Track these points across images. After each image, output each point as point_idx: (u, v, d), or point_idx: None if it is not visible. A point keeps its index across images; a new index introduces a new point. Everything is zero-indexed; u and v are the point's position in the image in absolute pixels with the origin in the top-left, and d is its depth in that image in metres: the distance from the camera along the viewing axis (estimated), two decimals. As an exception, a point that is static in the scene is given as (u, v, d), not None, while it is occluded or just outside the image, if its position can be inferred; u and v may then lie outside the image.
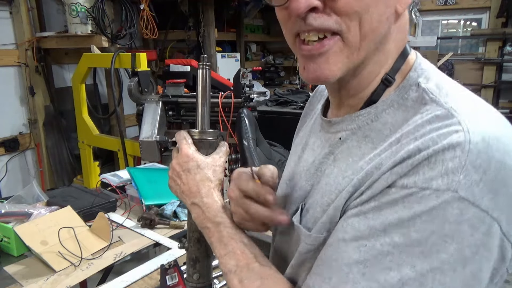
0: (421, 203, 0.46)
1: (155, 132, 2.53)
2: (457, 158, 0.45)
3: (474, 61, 5.46)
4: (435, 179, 0.46)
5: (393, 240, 0.47)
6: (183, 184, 0.71)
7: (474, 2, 5.38)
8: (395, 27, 0.57)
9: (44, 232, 1.40)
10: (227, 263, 0.63)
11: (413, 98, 0.55)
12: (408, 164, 0.48)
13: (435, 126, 0.49)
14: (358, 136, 0.59)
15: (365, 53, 0.56)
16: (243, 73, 2.74)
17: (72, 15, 3.21)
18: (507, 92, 5.35)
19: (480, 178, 0.45)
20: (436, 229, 0.46)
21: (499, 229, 0.47)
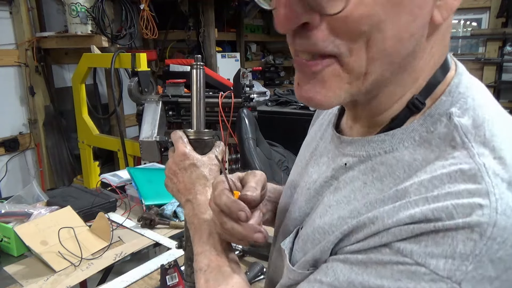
0: (411, 280, 0.38)
1: (155, 132, 2.53)
2: (472, 242, 0.35)
3: (474, 61, 5.45)
4: (436, 258, 0.37)
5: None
6: (179, 183, 0.71)
7: (474, 2, 5.38)
8: (432, 40, 0.44)
9: (44, 232, 1.40)
10: (201, 261, 0.63)
11: (440, 134, 0.43)
12: (409, 229, 0.39)
13: (455, 190, 0.38)
14: (366, 167, 0.48)
15: (376, 77, 0.43)
16: (243, 73, 2.74)
17: (72, 15, 3.21)
18: (507, 92, 5.35)
19: (497, 275, 0.35)
20: None
21: None
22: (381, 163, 0.47)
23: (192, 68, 0.78)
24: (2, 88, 3.36)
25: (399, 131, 0.46)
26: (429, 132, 0.44)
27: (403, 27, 0.40)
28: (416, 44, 0.42)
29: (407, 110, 0.46)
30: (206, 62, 4.04)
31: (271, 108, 3.61)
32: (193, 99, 0.79)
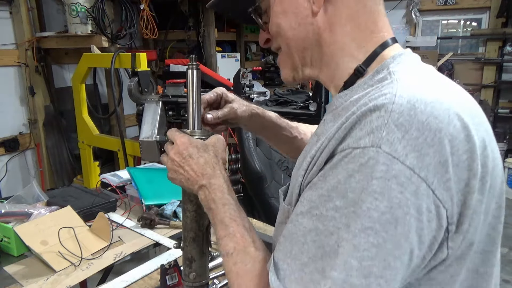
0: (353, 162, 0.50)
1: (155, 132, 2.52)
2: (381, 118, 0.50)
3: (474, 61, 5.45)
4: (363, 138, 0.50)
5: (335, 204, 0.51)
6: (188, 171, 0.72)
7: (474, 2, 5.38)
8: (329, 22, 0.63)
9: (44, 232, 1.40)
10: (226, 244, 0.66)
11: (379, 78, 0.59)
12: (344, 128, 0.53)
13: (372, 93, 0.55)
14: (334, 115, 0.63)
15: (299, 55, 0.67)
16: (243, 73, 2.74)
17: (72, 15, 3.21)
18: (507, 92, 5.35)
19: (402, 136, 0.48)
20: (366, 187, 0.48)
21: (430, 192, 0.48)
22: (342, 108, 0.61)
23: (188, 69, 0.79)
24: (2, 88, 3.36)
25: (356, 85, 0.63)
26: (373, 80, 0.60)
27: (292, 21, 0.65)
28: (309, 29, 0.64)
29: (354, 75, 0.64)
30: (206, 62, 4.04)
31: (271, 108, 3.59)
32: (189, 99, 0.79)
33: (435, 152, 0.48)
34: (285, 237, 0.57)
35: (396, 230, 0.48)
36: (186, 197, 0.79)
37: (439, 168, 0.49)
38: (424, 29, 5.87)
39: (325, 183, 0.52)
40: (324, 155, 0.55)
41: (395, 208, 0.47)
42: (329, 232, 0.50)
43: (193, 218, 0.79)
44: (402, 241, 0.48)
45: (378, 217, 0.48)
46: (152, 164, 2.34)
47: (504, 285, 2.82)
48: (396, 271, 0.49)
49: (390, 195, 0.47)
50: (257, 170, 2.04)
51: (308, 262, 0.52)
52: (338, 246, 0.49)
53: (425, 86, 0.54)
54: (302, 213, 0.55)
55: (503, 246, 3.32)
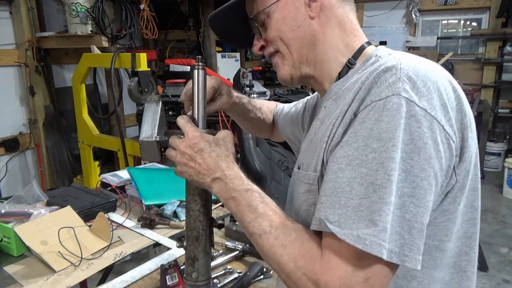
0: (379, 111, 0.60)
1: (155, 132, 2.53)
2: (394, 75, 0.62)
3: (474, 61, 5.45)
4: (383, 91, 0.61)
5: (372, 147, 0.59)
6: (199, 165, 0.73)
7: (474, 2, 5.38)
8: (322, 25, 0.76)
9: (44, 232, 1.40)
10: (259, 225, 0.67)
11: (371, 62, 0.71)
12: (362, 90, 0.63)
13: (377, 63, 0.67)
14: (335, 99, 0.74)
15: (298, 53, 0.78)
16: (243, 73, 2.74)
17: (72, 15, 3.21)
18: (507, 92, 5.35)
19: (413, 85, 0.61)
20: (397, 124, 0.58)
21: (441, 127, 0.61)
22: (343, 91, 0.72)
23: (194, 69, 0.78)
24: (2, 88, 3.36)
25: (350, 73, 0.75)
26: (366, 65, 0.72)
27: (291, 25, 0.77)
28: (306, 31, 0.76)
29: (346, 67, 0.76)
30: (206, 62, 4.04)
31: (271, 108, 3.60)
32: (195, 99, 0.79)
33: (437, 96, 0.61)
34: (328, 195, 0.62)
35: (419, 156, 0.58)
36: (190, 196, 0.79)
37: (443, 109, 0.61)
38: (424, 29, 5.87)
39: (357, 137, 0.61)
40: (348, 117, 0.64)
41: (416, 140, 0.58)
42: (374, 170, 0.58)
43: (196, 217, 0.79)
44: (425, 166, 0.59)
45: (404, 147, 0.58)
46: (152, 164, 2.34)
47: (504, 285, 2.82)
48: (424, 190, 0.59)
49: (411, 130, 0.58)
50: (257, 170, 2.04)
51: (361, 202, 0.58)
52: (389, 175, 0.57)
53: (412, 57, 0.68)
54: (341, 169, 0.61)
55: (503, 246, 3.32)
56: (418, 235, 0.58)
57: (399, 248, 0.56)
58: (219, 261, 1.34)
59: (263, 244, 0.66)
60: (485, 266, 2.95)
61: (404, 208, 0.57)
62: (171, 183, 1.74)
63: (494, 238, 3.47)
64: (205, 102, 0.81)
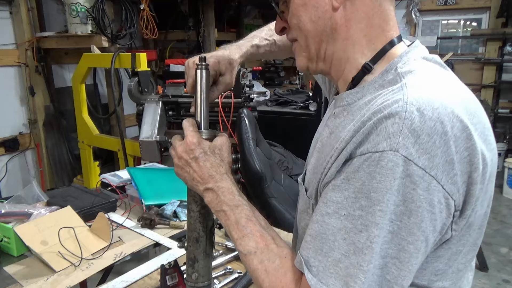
0: (374, 165, 0.56)
1: (155, 132, 2.52)
2: (396, 125, 0.55)
3: (474, 61, 5.45)
4: (381, 143, 0.55)
5: (361, 204, 0.56)
6: (194, 172, 0.73)
7: (474, 2, 5.38)
8: (346, 18, 0.67)
9: (44, 232, 1.40)
10: (246, 244, 0.67)
11: (389, 80, 0.64)
12: (361, 133, 0.58)
13: (385, 98, 0.60)
14: (347, 111, 0.69)
15: (316, 47, 0.71)
16: (243, 73, 2.74)
17: (72, 15, 3.20)
18: (507, 92, 5.35)
19: (415, 140, 0.54)
20: (388, 187, 0.55)
21: (440, 187, 0.56)
22: (356, 106, 0.67)
23: (197, 69, 0.78)
24: (2, 88, 3.36)
25: (366, 84, 0.67)
26: (384, 80, 0.65)
27: (312, 15, 0.68)
28: (327, 23, 0.68)
29: (361, 72, 0.69)
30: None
31: (271, 108, 3.60)
32: (197, 99, 0.79)
33: (442, 152, 0.55)
34: (313, 237, 0.61)
35: (409, 220, 0.56)
36: (190, 197, 0.79)
37: (446, 166, 0.56)
38: (424, 29, 5.87)
39: (349, 185, 0.58)
40: (342, 157, 0.60)
41: (408, 202, 0.55)
42: (358, 230, 0.56)
43: (196, 218, 0.79)
44: (415, 230, 0.56)
45: (394, 209, 0.55)
46: (152, 164, 2.34)
47: (504, 285, 2.82)
48: (409, 254, 0.57)
49: (405, 191, 0.55)
50: (257, 170, 2.04)
51: (341, 258, 0.57)
52: (371, 243, 0.55)
53: (431, 89, 0.59)
54: (329, 214, 0.60)
55: (503, 246, 3.32)
56: None
57: None
58: (219, 261, 1.34)
59: (248, 265, 0.67)
60: (485, 266, 2.95)
61: (386, 268, 0.57)
62: (171, 183, 1.74)
63: (494, 238, 3.47)
64: (207, 102, 0.80)
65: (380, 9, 0.67)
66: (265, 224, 0.70)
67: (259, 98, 3.72)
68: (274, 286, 0.64)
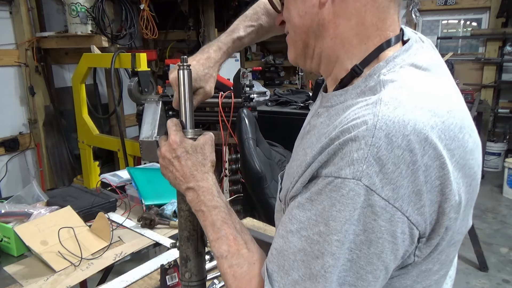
0: (336, 192, 0.53)
1: (155, 132, 2.53)
2: (361, 150, 0.51)
3: (474, 61, 5.45)
4: (344, 169, 0.52)
5: (319, 229, 0.54)
6: (176, 171, 0.73)
7: (474, 2, 5.38)
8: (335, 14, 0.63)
9: (44, 232, 1.40)
10: (219, 247, 0.67)
11: (370, 87, 0.59)
12: (327, 152, 0.55)
13: (357, 113, 0.55)
14: (329, 113, 0.65)
15: (303, 43, 0.68)
16: (243, 73, 2.74)
17: (72, 15, 3.21)
18: (507, 92, 5.34)
19: (379, 169, 0.51)
20: (348, 217, 0.52)
21: (405, 218, 0.53)
22: (337, 110, 0.63)
23: (179, 69, 0.78)
24: (2, 88, 3.36)
25: (350, 88, 0.63)
26: (365, 87, 0.60)
27: (300, 9, 0.66)
28: (313, 19, 0.65)
29: (350, 74, 0.64)
30: (206, 62, 4.02)
31: (271, 108, 3.60)
32: (181, 100, 0.79)
33: (409, 183, 0.52)
34: (278, 251, 0.60)
35: (369, 250, 0.53)
36: (180, 196, 0.79)
37: (413, 197, 0.52)
38: (424, 29, 5.87)
39: (312, 207, 0.56)
40: (308, 174, 0.57)
41: (369, 232, 0.53)
42: (315, 255, 0.55)
43: (186, 217, 0.79)
44: (374, 260, 0.54)
45: (353, 238, 0.53)
46: (152, 164, 2.34)
47: (504, 285, 2.82)
48: (367, 283, 0.55)
49: (365, 221, 0.52)
50: (257, 170, 2.04)
51: (298, 280, 0.56)
52: (325, 272, 0.54)
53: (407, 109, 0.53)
54: (292, 232, 0.58)
55: (503, 246, 3.32)
56: None
57: None
58: (219, 261, 1.34)
59: (219, 267, 0.68)
60: (485, 266, 2.95)
61: None
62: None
63: (494, 238, 3.47)
64: (191, 102, 0.81)
65: (375, 5, 0.60)
66: (240, 227, 0.70)
67: (259, 98, 3.72)
68: None
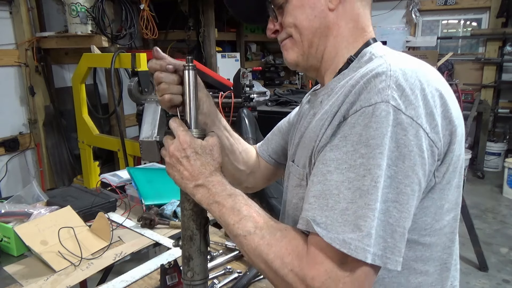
0: (368, 116, 0.61)
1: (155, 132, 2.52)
2: (384, 81, 0.62)
3: (474, 61, 5.45)
4: (373, 97, 0.62)
5: (360, 152, 0.61)
6: (185, 169, 0.75)
7: (474, 2, 5.38)
8: (338, 18, 0.77)
9: (44, 232, 1.40)
10: (244, 226, 0.68)
11: (365, 60, 0.74)
12: (352, 93, 0.64)
13: (369, 65, 0.69)
14: (329, 95, 0.76)
15: (309, 42, 0.79)
16: (243, 73, 2.74)
17: (72, 15, 3.21)
18: (507, 92, 5.35)
19: (401, 93, 0.62)
20: (384, 132, 0.60)
21: (426, 134, 0.62)
22: (337, 87, 0.74)
23: (184, 69, 0.80)
24: (2, 88, 3.36)
25: (346, 70, 0.77)
26: (360, 62, 0.75)
27: (309, 14, 0.77)
28: (322, 22, 0.77)
29: (347, 63, 0.78)
30: (206, 62, 4.04)
31: (271, 108, 3.60)
32: (186, 99, 0.80)
33: (423, 105, 0.63)
34: (317, 197, 0.63)
35: (404, 164, 0.61)
36: (183, 195, 0.79)
37: (429, 117, 0.63)
38: (424, 29, 5.87)
39: (347, 142, 0.62)
40: (337, 119, 0.65)
41: (401, 147, 0.60)
42: (361, 175, 0.60)
43: (190, 216, 0.79)
44: (409, 172, 0.61)
45: (389, 154, 0.60)
46: (152, 164, 2.33)
47: (504, 285, 2.82)
48: (407, 196, 0.61)
49: (397, 137, 0.60)
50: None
51: (348, 206, 0.60)
52: (376, 182, 0.59)
53: (403, 59, 0.69)
54: (330, 172, 0.63)
55: (503, 246, 3.32)
56: (400, 238, 0.60)
57: (382, 251, 0.59)
58: (219, 261, 1.34)
59: (249, 245, 0.67)
60: (485, 266, 2.95)
61: (388, 213, 0.60)
62: (171, 183, 1.72)
63: (494, 238, 3.47)
64: (196, 102, 0.82)
65: (364, 13, 0.79)
66: (259, 208, 0.72)
67: (259, 98, 3.72)
68: (279, 255, 0.64)
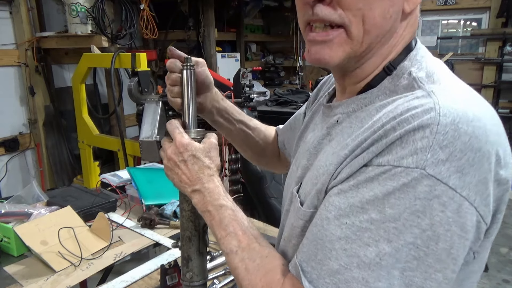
0: (394, 180, 0.50)
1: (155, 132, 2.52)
2: (426, 139, 0.49)
3: (474, 61, 5.45)
4: (405, 158, 0.50)
5: (370, 216, 0.51)
6: (182, 174, 0.74)
7: (474, 2, 5.38)
8: (403, 24, 0.63)
9: (44, 232, 1.40)
10: (228, 243, 0.67)
11: (404, 85, 0.59)
12: (383, 143, 0.52)
13: (412, 106, 0.53)
14: (351, 118, 0.64)
15: (367, 46, 0.61)
16: (243, 73, 2.74)
17: (72, 15, 3.20)
18: (507, 92, 5.35)
19: (446, 158, 0.49)
20: (408, 205, 0.49)
21: (474, 209, 0.50)
22: (363, 112, 0.62)
23: (183, 69, 0.79)
24: (2, 88, 3.36)
25: (375, 89, 0.62)
26: (396, 86, 0.60)
27: (386, 9, 0.59)
28: (392, 25, 0.61)
29: (383, 72, 0.63)
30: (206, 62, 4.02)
31: (271, 108, 3.61)
32: (184, 99, 0.80)
33: (475, 170, 0.50)
34: (309, 240, 0.58)
35: (437, 245, 0.50)
36: (182, 196, 0.79)
37: (480, 186, 0.50)
38: (424, 29, 5.87)
39: (357, 194, 0.53)
40: (357, 164, 0.54)
41: (436, 226, 0.49)
42: (363, 243, 0.51)
43: (188, 217, 0.79)
44: (444, 256, 0.50)
45: (419, 233, 0.49)
46: (152, 164, 2.34)
47: (504, 285, 2.82)
48: (438, 283, 0.51)
49: (432, 213, 0.49)
50: (257, 170, 2.04)
51: (339, 270, 0.53)
52: (381, 259, 0.50)
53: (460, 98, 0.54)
54: (328, 219, 0.55)
55: (503, 246, 3.32)
56: None
57: None
58: (219, 261, 1.34)
59: (230, 263, 0.67)
60: (485, 266, 2.95)
61: None
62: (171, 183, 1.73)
63: (495, 238, 3.47)
64: (195, 102, 0.81)
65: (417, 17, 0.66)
66: (248, 224, 0.69)
67: (259, 98, 3.72)
68: (253, 285, 0.62)
